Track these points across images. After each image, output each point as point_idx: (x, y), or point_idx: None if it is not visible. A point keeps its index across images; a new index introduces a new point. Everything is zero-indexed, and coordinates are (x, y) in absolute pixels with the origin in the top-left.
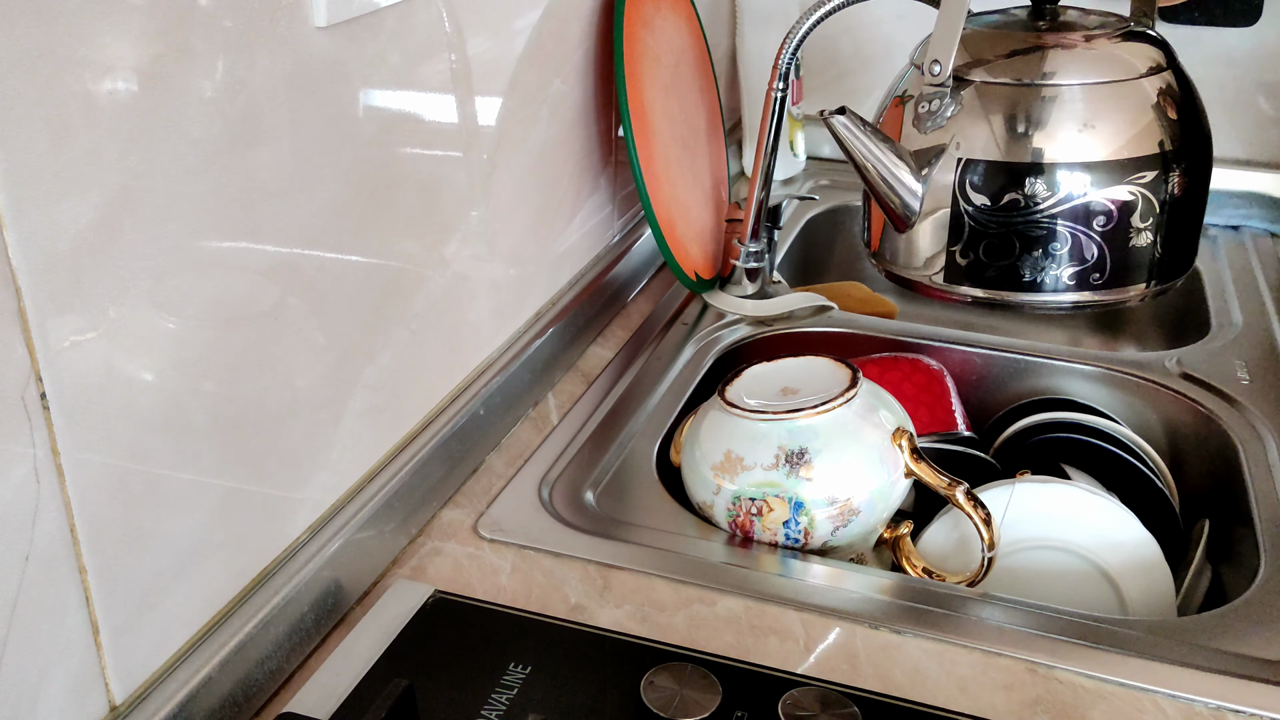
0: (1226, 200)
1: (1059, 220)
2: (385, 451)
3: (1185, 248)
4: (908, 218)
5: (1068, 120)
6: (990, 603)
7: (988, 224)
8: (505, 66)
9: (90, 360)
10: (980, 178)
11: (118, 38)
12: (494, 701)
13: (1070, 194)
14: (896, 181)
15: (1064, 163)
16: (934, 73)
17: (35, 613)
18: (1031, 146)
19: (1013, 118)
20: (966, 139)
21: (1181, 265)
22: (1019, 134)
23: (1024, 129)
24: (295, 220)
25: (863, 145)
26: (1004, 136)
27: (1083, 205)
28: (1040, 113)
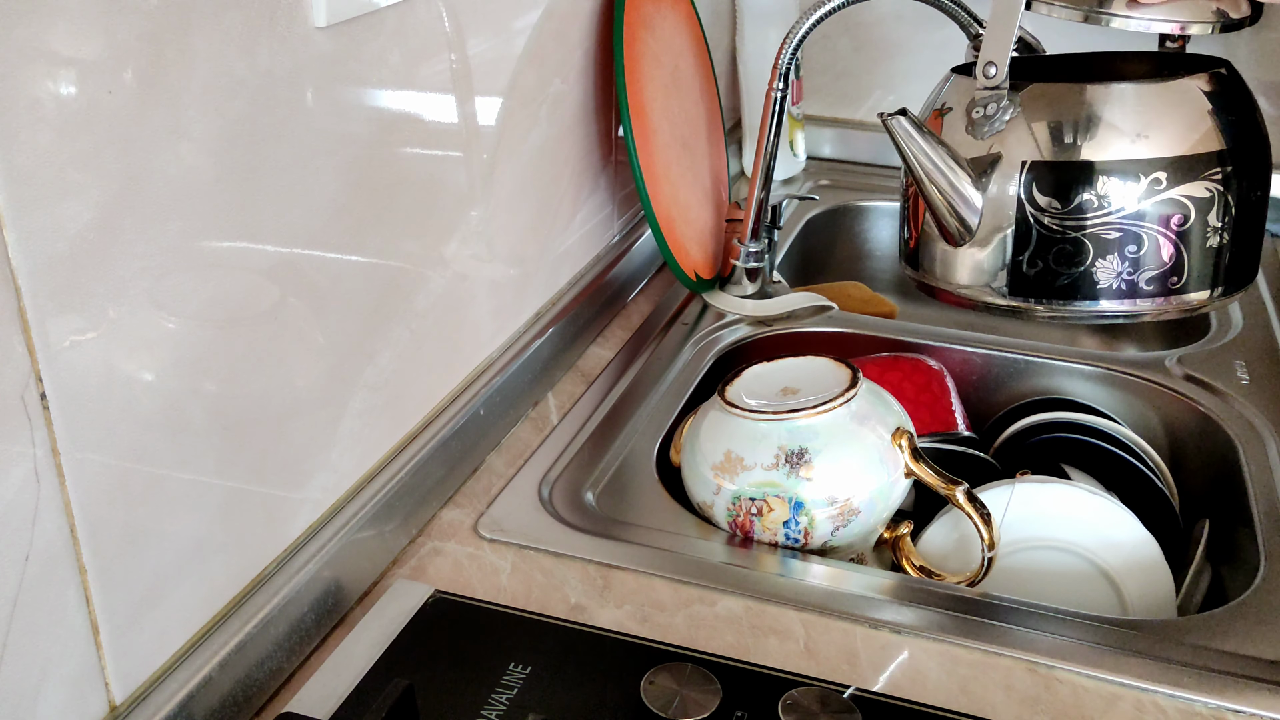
0: None
1: (1129, 222)
2: (385, 451)
3: (1252, 251)
4: (966, 231)
5: (1122, 120)
6: (990, 603)
7: (1056, 230)
8: (505, 66)
9: (90, 360)
10: (1047, 182)
11: (118, 37)
12: (494, 701)
13: (1136, 194)
14: (955, 192)
15: (1124, 161)
16: (989, 75)
17: (35, 613)
18: (1084, 146)
19: (1067, 119)
20: (1016, 141)
21: (1249, 271)
22: (1073, 133)
23: (1076, 128)
24: (295, 220)
25: (923, 151)
26: (1056, 137)
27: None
28: (1096, 111)
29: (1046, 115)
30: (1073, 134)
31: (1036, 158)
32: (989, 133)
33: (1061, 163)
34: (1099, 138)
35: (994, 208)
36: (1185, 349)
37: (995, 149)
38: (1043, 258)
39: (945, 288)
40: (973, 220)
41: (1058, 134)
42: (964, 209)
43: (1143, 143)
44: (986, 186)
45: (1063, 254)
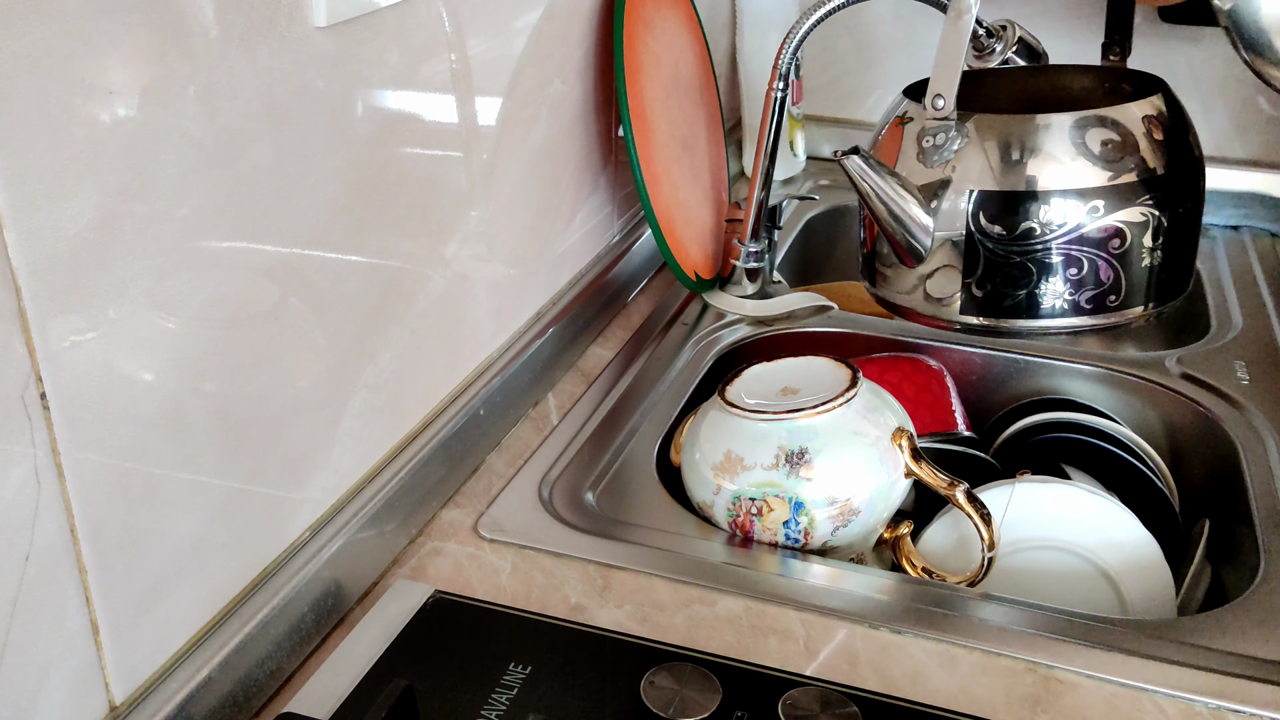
0: (1226, 200)
1: (1070, 247)
2: (385, 451)
3: (1184, 266)
4: (919, 253)
5: (1062, 149)
6: (990, 603)
7: (1002, 254)
8: (505, 66)
9: (90, 360)
10: (993, 209)
11: (118, 38)
12: (494, 701)
13: (1076, 220)
14: (908, 218)
15: (1065, 190)
16: (937, 107)
17: (35, 613)
18: (1028, 175)
19: (1012, 149)
20: (964, 170)
21: (1181, 284)
22: (1017, 162)
23: (1020, 157)
24: (295, 220)
25: (876, 185)
26: (1002, 166)
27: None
28: (1037, 141)
29: (992, 144)
30: (1017, 162)
31: (984, 186)
32: (938, 161)
33: (1007, 192)
34: (1041, 166)
35: (945, 231)
36: (1185, 349)
37: (944, 175)
38: (991, 280)
39: (901, 302)
40: (926, 242)
41: (1003, 162)
42: (918, 233)
43: (1082, 170)
44: (937, 211)
45: (1009, 277)
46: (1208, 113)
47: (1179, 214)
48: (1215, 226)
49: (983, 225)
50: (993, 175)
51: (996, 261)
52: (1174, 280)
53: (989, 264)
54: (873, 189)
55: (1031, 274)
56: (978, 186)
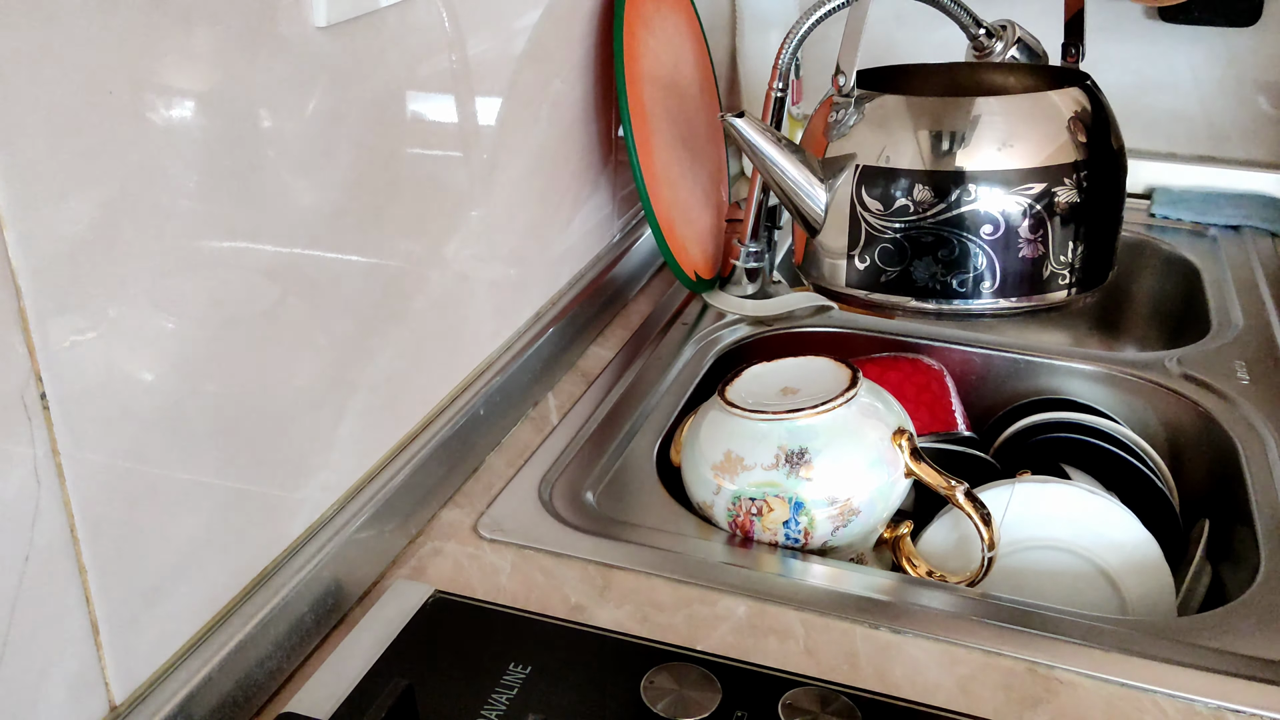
0: (1226, 200)
1: (937, 229)
2: (385, 451)
3: (1102, 258)
4: (815, 223)
5: (981, 132)
6: (990, 603)
7: (879, 230)
8: (505, 66)
9: (90, 360)
10: (873, 184)
11: (118, 38)
12: (494, 701)
13: (944, 203)
14: (798, 186)
15: (973, 171)
16: (840, 84)
17: (35, 613)
18: (900, 154)
19: (898, 126)
20: (852, 145)
21: (1099, 276)
22: (894, 141)
23: (900, 138)
24: (295, 220)
25: (762, 149)
26: (882, 142)
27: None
28: (956, 125)
29: (878, 121)
30: (898, 140)
31: (866, 161)
32: (836, 136)
33: (884, 168)
34: (921, 145)
35: (837, 205)
36: (1185, 349)
37: (843, 150)
38: (869, 254)
39: (811, 277)
40: (818, 210)
41: (886, 139)
42: (809, 201)
43: (962, 152)
44: (834, 186)
45: (886, 253)
46: (1208, 113)
47: (1097, 200)
48: (1215, 226)
49: (864, 199)
50: (875, 151)
51: (874, 237)
52: (1096, 267)
53: (868, 239)
54: (761, 152)
55: (906, 252)
56: (861, 162)
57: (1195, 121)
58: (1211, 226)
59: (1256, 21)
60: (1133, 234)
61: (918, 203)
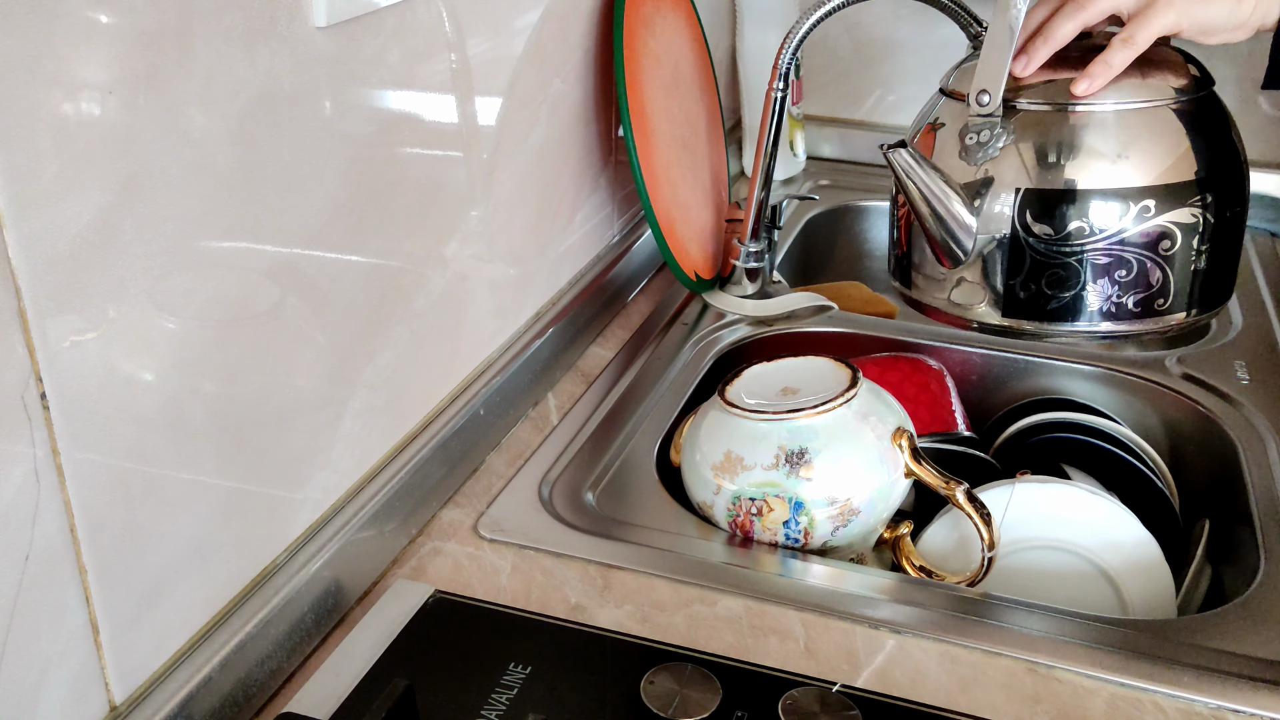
0: None
1: (1119, 247)
2: (385, 451)
3: (1228, 271)
4: (960, 254)
5: (1107, 144)
6: (990, 603)
7: (1049, 254)
8: (505, 66)
9: (90, 360)
10: (1039, 208)
11: (118, 38)
12: (494, 701)
13: (1125, 220)
14: (951, 217)
15: (1113, 189)
16: (982, 103)
17: (35, 613)
18: (1080, 174)
19: (1056, 145)
20: (1009, 170)
21: (1226, 291)
22: (1061, 161)
23: (1066, 157)
24: (295, 220)
25: (922, 182)
26: (1048, 165)
27: (1137, 232)
28: (1082, 139)
29: (1036, 140)
30: (1061, 159)
31: (1028, 184)
32: (982, 159)
33: (1054, 190)
34: (1086, 163)
35: (987, 231)
36: (1185, 349)
37: (987, 173)
38: (1035, 281)
39: (937, 305)
40: (968, 244)
41: (1047, 159)
42: (961, 233)
43: (1128, 167)
44: (980, 210)
45: (1055, 278)
46: None
47: (1225, 215)
48: None
49: (1029, 224)
50: (1037, 173)
51: (1042, 262)
52: (1219, 285)
53: (1034, 265)
54: (918, 186)
55: (1079, 275)
56: (1024, 185)
57: None
58: None
59: None
60: None
61: (1092, 223)
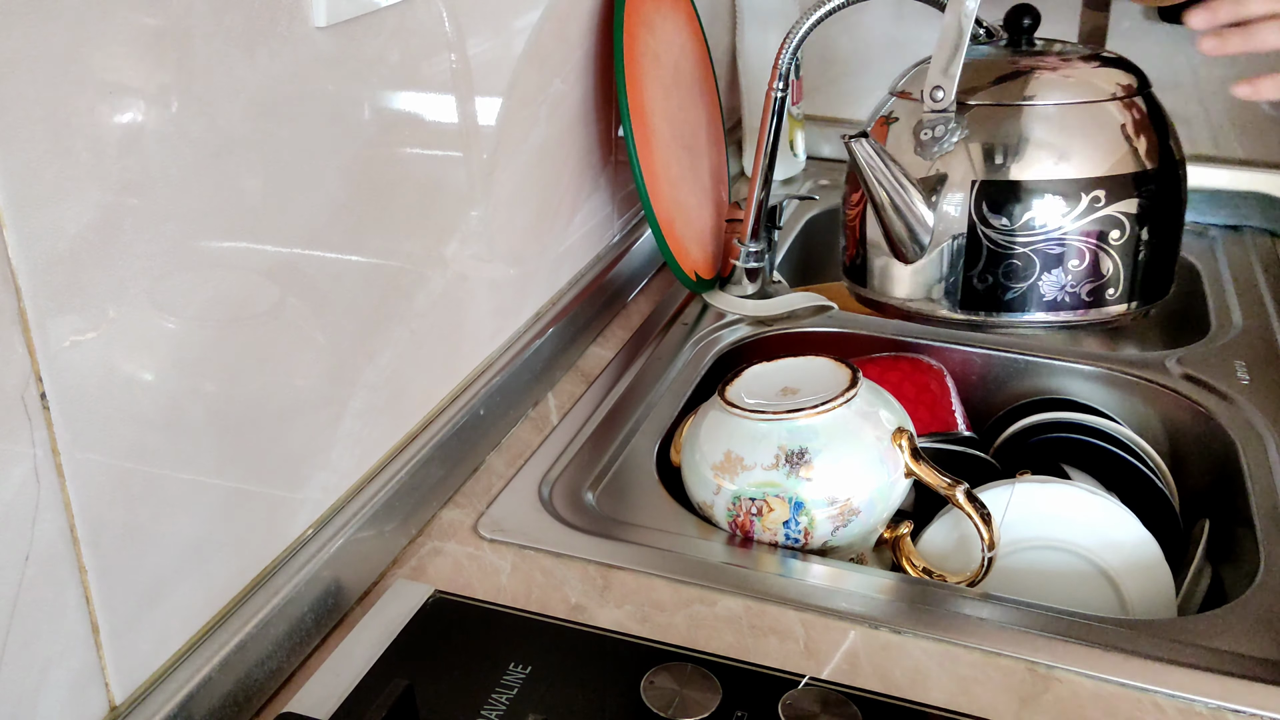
0: (1226, 200)
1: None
2: (385, 451)
3: (1165, 268)
4: (916, 249)
5: (1058, 139)
6: (990, 603)
7: (1007, 246)
8: (505, 66)
9: (90, 360)
10: (995, 200)
11: (117, 38)
12: (494, 701)
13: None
14: (910, 212)
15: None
16: (936, 99)
17: (35, 613)
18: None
19: (1009, 141)
20: (959, 163)
21: (1163, 286)
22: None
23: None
24: (295, 220)
25: (883, 173)
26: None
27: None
28: (1036, 132)
29: (988, 136)
30: (1014, 153)
31: (983, 177)
32: (937, 154)
33: (1009, 182)
34: (1037, 155)
35: (944, 225)
36: (1185, 349)
37: (940, 170)
38: (992, 273)
39: (891, 302)
40: (925, 238)
41: (1001, 154)
42: (919, 228)
43: (1078, 160)
44: (937, 206)
45: (1011, 269)
46: (1208, 113)
47: (1167, 210)
48: (1215, 226)
49: (985, 217)
50: (990, 167)
51: (999, 254)
52: (1160, 277)
53: (991, 257)
54: (878, 177)
55: (1035, 266)
56: (978, 178)
57: (1195, 121)
58: (1211, 226)
59: None
60: None
61: (1048, 214)
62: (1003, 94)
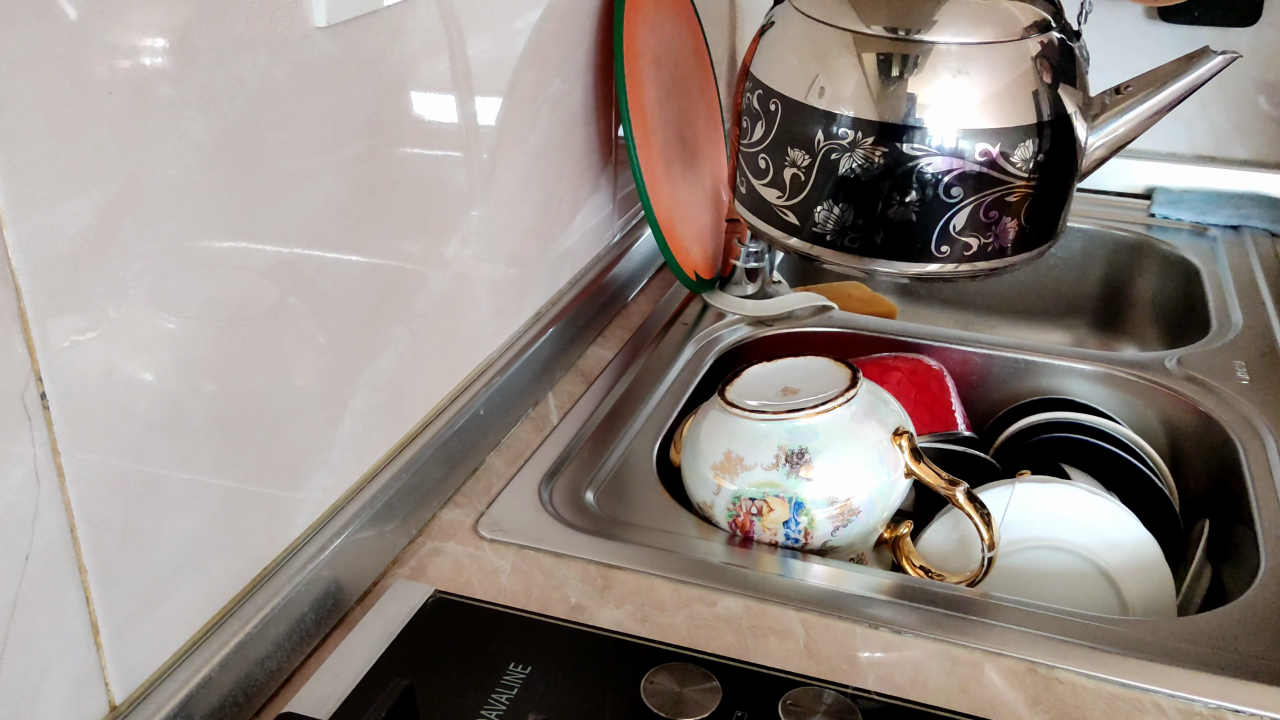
0: (1226, 200)
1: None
2: (385, 451)
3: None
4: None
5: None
6: (990, 603)
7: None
8: (505, 66)
9: (90, 360)
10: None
11: (118, 38)
12: (494, 701)
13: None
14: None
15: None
16: None
17: (35, 613)
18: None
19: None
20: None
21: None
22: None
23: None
24: (295, 220)
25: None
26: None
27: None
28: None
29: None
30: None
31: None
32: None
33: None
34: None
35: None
36: (1185, 349)
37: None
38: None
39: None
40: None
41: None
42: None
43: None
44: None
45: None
46: (1207, 113)
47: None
48: (1215, 226)
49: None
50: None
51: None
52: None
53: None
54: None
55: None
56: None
57: (1195, 121)
58: (1211, 226)
59: (1256, 21)
60: (1132, 234)
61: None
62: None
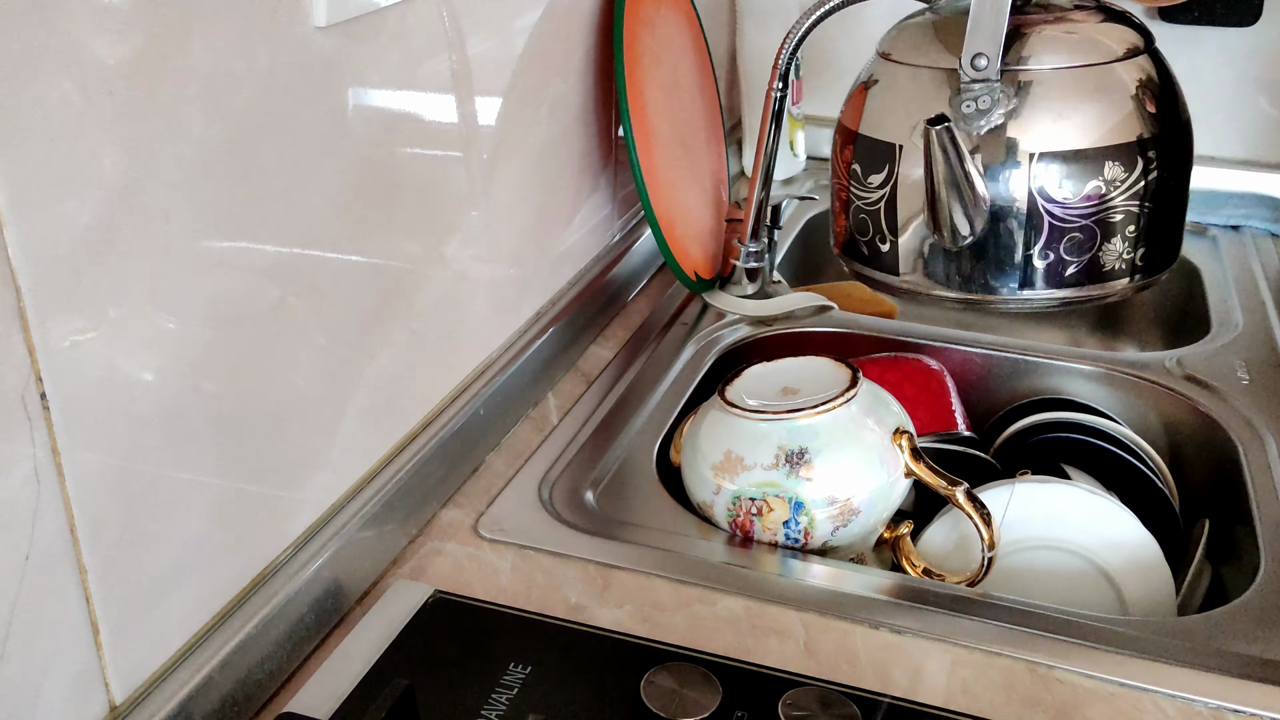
0: (1226, 200)
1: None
2: (385, 451)
3: (1170, 240)
4: (966, 232)
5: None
6: (990, 603)
7: (1069, 219)
8: (505, 66)
9: (90, 360)
10: (1057, 173)
11: (118, 38)
12: (494, 701)
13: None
14: (972, 195)
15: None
16: (979, 67)
17: (35, 613)
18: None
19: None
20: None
21: (1168, 258)
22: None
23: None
24: (295, 220)
25: (955, 160)
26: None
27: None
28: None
29: (1047, 103)
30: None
31: (1046, 148)
32: (984, 128)
33: (1068, 152)
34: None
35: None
36: (1185, 349)
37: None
38: (1053, 249)
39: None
40: (979, 222)
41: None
42: (973, 211)
43: (1133, 124)
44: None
45: (1074, 243)
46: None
47: (1160, 180)
48: (1215, 226)
49: (1046, 191)
50: (1053, 136)
51: (1062, 229)
52: (1164, 250)
53: (1054, 231)
54: (951, 165)
55: (1096, 237)
56: (1037, 150)
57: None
58: (1211, 226)
59: (1256, 21)
60: None
61: (1109, 181)
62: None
